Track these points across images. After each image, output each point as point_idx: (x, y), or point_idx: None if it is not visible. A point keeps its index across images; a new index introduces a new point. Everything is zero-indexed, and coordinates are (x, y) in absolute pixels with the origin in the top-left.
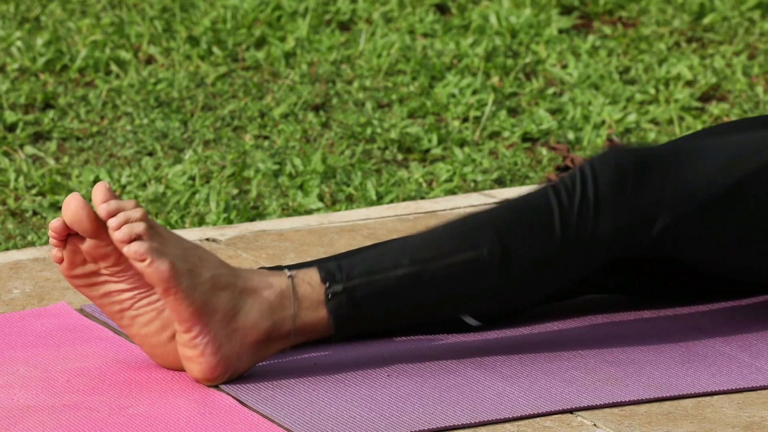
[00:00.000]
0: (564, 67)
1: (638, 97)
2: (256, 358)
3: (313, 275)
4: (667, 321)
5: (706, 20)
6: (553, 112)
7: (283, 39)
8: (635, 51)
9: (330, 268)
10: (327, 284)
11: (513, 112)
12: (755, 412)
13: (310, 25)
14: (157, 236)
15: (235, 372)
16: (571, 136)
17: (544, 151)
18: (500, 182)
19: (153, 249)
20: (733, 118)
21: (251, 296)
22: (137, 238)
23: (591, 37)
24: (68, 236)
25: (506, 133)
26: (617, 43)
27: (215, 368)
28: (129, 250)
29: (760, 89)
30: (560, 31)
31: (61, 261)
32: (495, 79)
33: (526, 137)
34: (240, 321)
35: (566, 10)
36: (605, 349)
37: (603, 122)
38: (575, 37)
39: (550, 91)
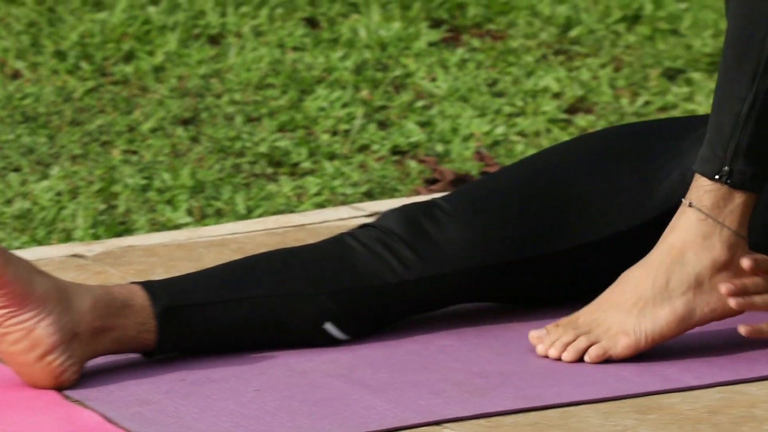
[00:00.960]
0: (433, 80)
1: (506, 109)
2: None
3: None
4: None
5: (573, 33)
6: (422, 124)
7: (151, 53)
8: (503, 64)
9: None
10: None
11: (382, 125)
12: (620, 421)
13: (179, 39)
14: (566, 326)
15: None
16: (439, 148)
17: (413, 163)
18: (370, 195)
19: (602, 346)
20: (599, 128)
21: None
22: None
23: (460, 50)
24: None
25: (376, 146)
26: (486, 55)
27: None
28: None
29: (625, 101)
30: (429, 44)
31: None
32: (364, 93)
33: (395, 150)
34: None
35: (435, 24)
36: (473, 361)
37: (471, 135)
38: (444, 50)
39: (420, 103)
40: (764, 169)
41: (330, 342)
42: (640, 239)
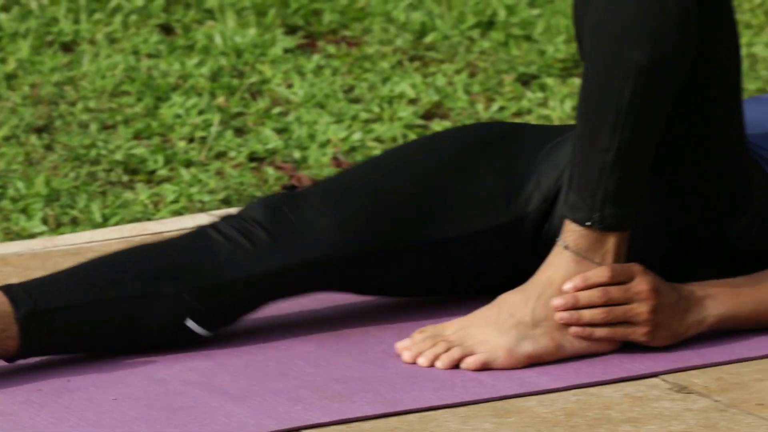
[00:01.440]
0: (289, 86)
1: (363, 115)
2: None
3: None
4: (393, 336)
5: (428, 39)
6: (279, 131)
7: (3, 60)
8: (359, 70)
9: None
10: None
11: (239, 131)
12: (478, 425)
13: (31, 47)
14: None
15: None
16: (297, 155)
17: (270, 170)
18: (227, 202)
19: (481, 358)
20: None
21: None
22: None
23: (316, 57)
24: None
25: (233, 153)
26: (341, 62)
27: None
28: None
29: (480, 106)
30: (285, 51)
31: None
32: (221, 99)
33: (252, 157)
34: None
35: (291, 30)
36: (332, 367)
37: (328, 141)
38: (300, 57)
39: (276, 110)
40: (633, 209)
41: (192, 338)
42: (493, 241)
